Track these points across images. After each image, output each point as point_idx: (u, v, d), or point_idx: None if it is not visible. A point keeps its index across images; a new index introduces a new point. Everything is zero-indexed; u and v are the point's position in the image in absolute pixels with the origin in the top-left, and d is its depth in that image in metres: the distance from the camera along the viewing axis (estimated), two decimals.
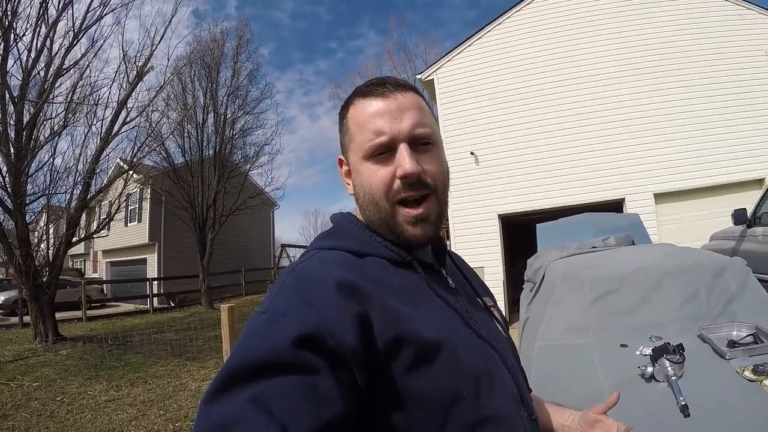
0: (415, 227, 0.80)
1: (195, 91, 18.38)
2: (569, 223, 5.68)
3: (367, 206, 0.83)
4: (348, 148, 0.85)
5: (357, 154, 0.83)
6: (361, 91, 0.84)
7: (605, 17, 10.70)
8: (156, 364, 7.86)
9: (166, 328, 11.34)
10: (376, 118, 0.80)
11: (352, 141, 0.84)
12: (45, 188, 10.43)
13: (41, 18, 9.85)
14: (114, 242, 22.26)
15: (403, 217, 0.80)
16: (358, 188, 0.84)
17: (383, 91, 0.82)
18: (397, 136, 0.79)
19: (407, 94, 0.83)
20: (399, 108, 0.80)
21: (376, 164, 0.80)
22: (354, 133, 0.83)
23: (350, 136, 0.84)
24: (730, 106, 9.69)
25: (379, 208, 0.81)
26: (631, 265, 2.94)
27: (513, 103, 10.85)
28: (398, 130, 0.79)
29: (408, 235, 0.81)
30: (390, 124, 0.79)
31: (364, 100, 0.83)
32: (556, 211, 9.53)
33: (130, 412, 5.47)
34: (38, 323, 10.24)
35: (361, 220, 0.88)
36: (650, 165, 9.87)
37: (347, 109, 0.86)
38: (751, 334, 2.17)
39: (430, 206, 0.81)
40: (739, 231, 5.15)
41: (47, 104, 9.98)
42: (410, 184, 0.79)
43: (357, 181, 0.84)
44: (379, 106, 0.80)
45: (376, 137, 0.79)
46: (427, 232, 0.81)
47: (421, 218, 0.80)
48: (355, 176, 0.85)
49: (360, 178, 0.83)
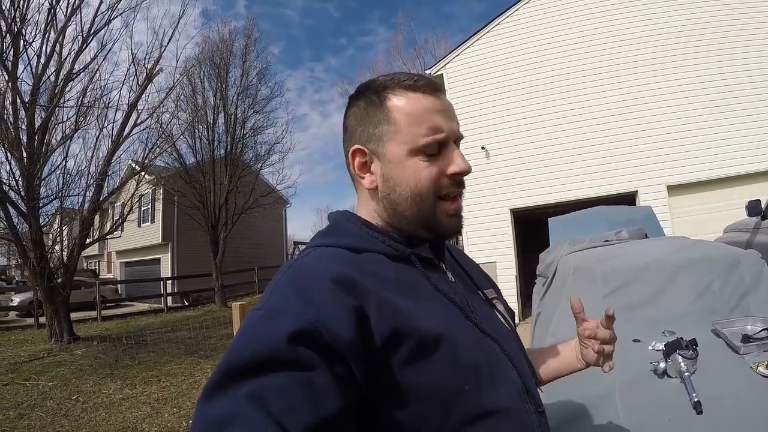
0: (451, 219, 0.85)
1: (205, 92, 18.55)
2: (581, 217, 5.63)
3: (403, 201, 0.83)
4: (387, 138, 0.83)
5: (401, 147, 0.81)
6: (405, 83, 0.83)
7: (615, 8, 10.57)
8: (170, 363, 7.93)
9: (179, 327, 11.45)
10: (434, 115, 0.82)
11: (398, 132, 0.82)
12: (58, 191, 10.58)
13: (50, 23, 9.97)
14: (127, 243, 22.53)
15: (443, 210, 0.84)
16: (396, 182, 0.83)
17: (435, 88, 0.84)
18: (451, 135, 0.83)
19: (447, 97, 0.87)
20: (449, 108, 0.85)
21: (425, 160, 0.81)
22: (403, 125, 0.81)
23: (395, 126, 0.82)
24: (744, 95, 9.54)
25: (424, 202, 0.82)
26: (643, 259, 2.90)
27: (523, 97, 10.77)
28: (452, 129, 0.83)
29: (447, 228, 0.85)
30: (447, 122, 0.82)
31: (414, 93, 0.82)
32: (568, 204, 9.46)
33: (144, 410, 5.53)
34: (53, 324, 10.38)
35: (358, 217, 0.88)
36: (663, 157, 9.75)
37: (386, 96, 0.84)
38: (765, 329, 2.12)
39: (461, 203, 0.87)
40: (753, 223, 5.07)
41: (58, 108, 10.11)
42: (459, 181, 0.84)
43: (395, 176, 0.83)
44: (435, 104, 0.83)
45: (433, 134, 0.81)
46: (459, 225, 0.87)
47: (457, 212, 0.85)
48: (391, 170, 0.83)
49: (403, 173, 0.82)
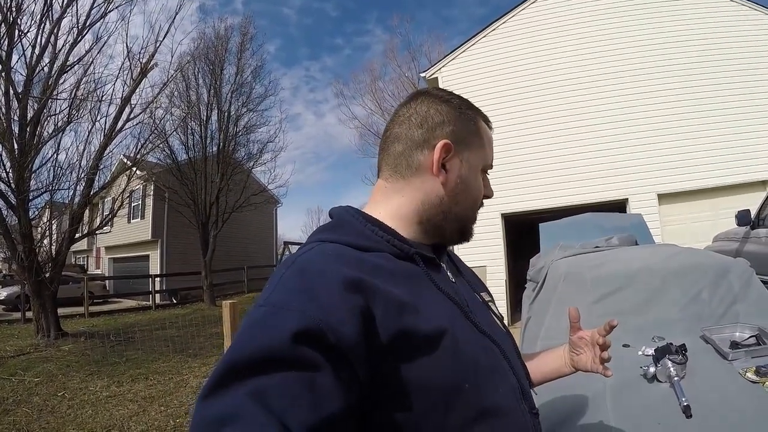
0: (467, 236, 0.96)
1: (199, 88, 18.41)
2: (572, 223, 5.66)
3: (466, 204, 0.92)
4: (476, 149, 0.92)
5: (479, 161, 0.92)
6: (483, 116, 0.97)
7: (609, 16, 10.68)
8: (157, 361, 7.88)
9: (167, 325, 11.37)
10: (492, 147, 0.97)
11: (481, 149, 0.93)
12: (48, 184, 10.48)
13: (45, 14, 9.86)
14: (117, 239, 22.36)
15: (471, 228, 0.96)
16: (468, 187, 0.91)
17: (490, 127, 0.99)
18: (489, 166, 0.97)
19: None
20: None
21: (483, 181, 0.94)
22: (486, 145, 0.94)
23: (481, 143, 0.93)
24: (735, 106, 9.67)
25: (474, 211, 0.94)
26: (634, 265, 2.93)
27: (516, 102, 10.84)
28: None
29: (471, 235, 0.96)
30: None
31: (487, 124, 0.97)
32: (559, 210, 9.52)
33: (131, 408, 5.48)
34: (40, 319, 10.26)
35: (363, 213, 0.87)
36: (654, 165, 9.85)
37: (477, 118, 0.95)
38: (753, 336, 2.16)
39: None
40: (743, 232, 5.13)
41: (51, 100, 9.99)
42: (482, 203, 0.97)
43: (469, 182, 0.91)
44: (492, 138, 0.98)
45: (493, 159, 0.96)
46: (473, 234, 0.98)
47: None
48: (466, 177, 0.90)
49: (475, 182, 0.92)
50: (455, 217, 0.89)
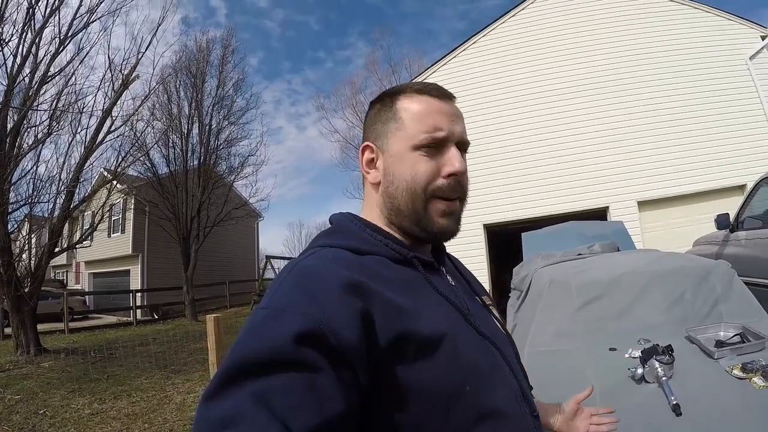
0: (444, 219, 0.84)
1: (180, 101, 18.35)
2: (554, 232, 5.72)
3: (400, 193, 0.84)
4: (392, 134, 0.86)
5: (404, 142, 0.84)
6: (416, 88, 0.88)
7: (589, 27, 10.89)
8: (140, 377, 7.73)
9: (150, 341, 11.16)
10: (437, 115, 0.85)
11: (402, 129, 0.85)
12: (28, 197, 10.28)
13: (27, 24, 9.74)
14: (97, 253, 21.97)
15: (435, 208, 0.83)
16: (395, 176, 0.85)
17: (443, 94, 0.88)
18: (451, 136, 0.85)
19: (456, 105, 0.90)
20: (455, 113, 0.88)
21: (424, 156, 0.83)
22: (407, 122, 0.85)
23: (401, 123, 0.86)
24: (712, 113, 9.91)
25: (417, 196, 0.83)
26: (617, 270, 2.97)
27: (497, 114, 10.95)
28: (453, 131, 0.85)
29: (437, 227, 0.84)
30: (448, 123, 0.85)
31: (422, 96, 0.87)
32: (541, 219, 9.61)
33: (114, 426, 5.37)
34: (20, 335, 10.01)
35: (361, 218, 0.89)
36: (633, 173, 10.02)
37: (397, 98, 0.88)
38: (738, 334, 2.20)
39: (459, 207, 0.87)
40: (723, 236, 5.21)
41: (31, 111, 9.84)
42: (455, 183, 0.84)
43: (395, 169, 0.85)
44: (441, 106, 0.86)
45: (435, 131, 0.83)
46: (452, 227, 0.86)
47: (450, 212, 0.85)
48: (393, 163, 0.86)
49: (402, 167, 0.84)
50: (402, 211, 0.85)
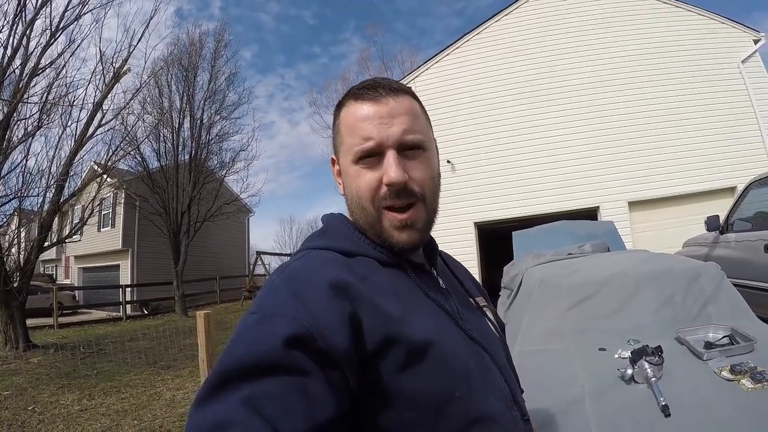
0: (401, 233, 0.80)
1: (171, 95, 18.16)
2: (545, 231, 5.74)
3: (354, 208, 0.83)
4: (339, 149, 0.85)
5: (346, 157, 0.82)
6: (353, 93, 0.83)
7: (579, 29, 10.94)
8: (129, 373, 7.68)
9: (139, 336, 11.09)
10: (366, 123, 0.79)
11: (342, 143, 0.83)
12: (17, 190, 10.17)
13: (18, 15, 9.62)
14: (86, 248, 21.82)
15: (388, 221, 0.80)
16: (347, 190, 0.84)
17: (375, 95, 0.80)
18: (385, 142, 0.78)
19: (400, 98, 0.82)
20: (390, 113, 0.79)
21: (364, 168, 0.79)
22: (344, 136, 0.83)
23: (341, 138, 0.84)
24: (703, 116, 9.99)
25: (366, 211, 0.80)
26: (607, 271, 2.98)
27: (489, 113, 10.99)
28: (387, 135, 0.78)
29: (394, 241, 0.80)
30: (378, 129, 0.78)
31: (355, 103, 0.82)
32: (532, 219, 9.66)
33: (103, 422, 5.33)
34: (8, 330, 9.93)
35: (351, 221, 0.88)
36: (624, 174, 10.08)
37: (340, 110, 0.85)
38: (727, 336, 2.22)
39: (417, 213, 0.81)
40: (712, 237, 5.25)
41: (21, 104, 9.73)
42: (396, 192, 0.78)
43: (346, 183, 0.84)
44: (369, 111, 0.79)
45: (364, 142, 0.78)
46: (412, 239, 0.80)
47: (406, 224, 0.79)
48: (344, 178, 0.85)
49: (348, 181, 0.83)
50: (362, 225, 0.84)
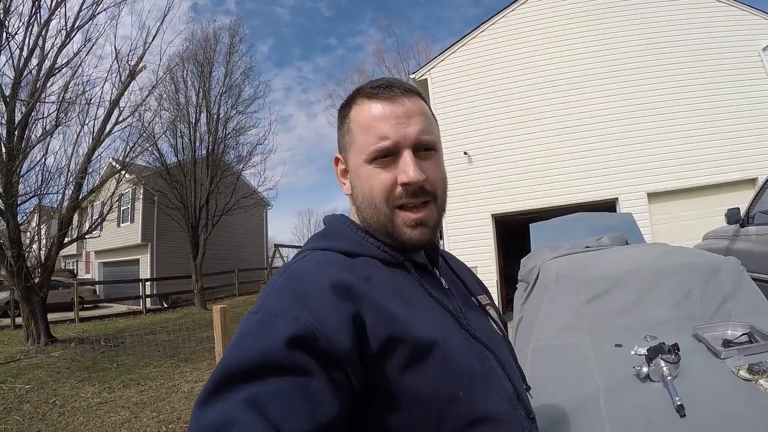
0: (414, 231, 0.80)
1: (187, 90, 18.37)
2: (562, 223, 5.68)
3: (365, 208, 0.83)
4: (348, 148, 0.85)
5: (359, 156, 0.82)
6: (366, 91, 0.83)
7: (599, 17, 10.75)
8: (148, 366, 7.81)
9: (158, 329, 11.28)
10: (382, 122, 0.79)
11: (354, 142, 0.83)
12: (37, 188, 10.36)
13: (34, 16, 9.75)
14: (106, 243, 22.16)
15: (402, 220, 0.80)
16: (357, 190, 0.84)
17: (391, 94, 0.81)
18: (402, 141, 0.79)
19: (414, 99, 0.82)
20: (406, 113, 0.80)
21: (378, 168, 0.80)
22: (356, 135, 0.82)
23: (352, 136, 0.83)
24: (724, 106, 9.77)
25: (378, 211, 0.81)
26: (625, 265, 2.93)
27: (506, 103, 10.89)
28: (404, 135, 0.79)
29: (406, 239, 0.81)
30: (395, 129, 0.79)
31: (369, 101, 0.82)
32: (550, 210, 9.57)
33: (122, 415, 5.43)
34: (30, 325, 10.15)
35: (353, 221, 0.88)
36: (643, 165, 9.93)
37: (349, 108, 0.85)
38: (745, 334, 2.17)
39: (430, 212, 0.82)
40: (732, 230, 5.15)
41: (39, 103, 9.88)
42: (412, 191, 0.79)
43: (356, 183, 0.84)
44: (385, 110, 0.80)
45: (380, 141, 0.79)
46: (425, 237, 0.81)
47: (420, 222, 0.80)
48: (354, 178, 0.85)
49: (360, 181, 0.83)
50: (371, 224, 0.84)
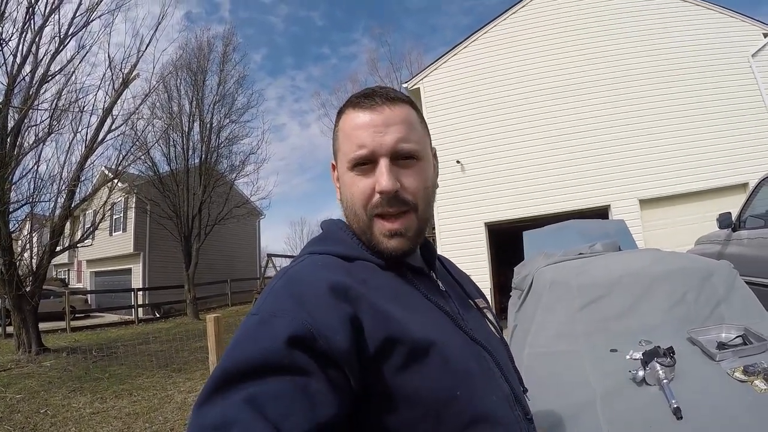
0: (390, 240, 0.80)
1: (181, 99, 18.34)
2: (555, 230, 5.70)
3: (348, 214, 0.85)
4: (337, 155, 0.87)
5: (343, 164, 0.84)
6: (352, 101, 0.85)
7: (588, 27, 10.87)
8: (141, 376, 7.74)
9: (151, 339, 11.18)
10: (361, 131, 0.80)
11: (340, 149, 0.85)
12: (29, 196, 10.32)
13: (27, 23, 9.73)
14: (98, 252, 22.03)
15: (379, 229, 0.81)
16: (342, 196, 0.86)
17: (371, 104, 0.82)
18: (378, 150, 0.79)
19: (397, 107, 0.82)
20: (384, 122, 0.80)
21: (358, 175, 0.81)
22: (341, 142, 0.85)
23: (338, 144, 0.86)
24: (714, 111, 9.89)
25: (359, 218, 0.82)
26: (618, 271, 2.95)
27: (498, 112, 10.95)
28: (380, 143, 0.79)
29: (383, 248, 0.81)
30: (372, 137, 0.79)
31: (353, 110, 0.83)
32: (543, 218, 9.61)
33: (115, 425, 5.37)
34: (21, 334, 10.06)
35: (350, 226, 0.89)
36: (634, 171, 10.01)
37: (339, 117, 0.87)
38: (740, 336, 2.18)
39: (408, 222, 0.81)
40: (725, 235, 5.18)
41: (32, 110, 9.84)
42: (388, 200, 0.79)
43: (342, 190, 0.86)
44: (365, 119, 0.81)
45: (358, 150, 0.80)
46: (402, 246, 0.81)
47: (396, 233, 0.80)
48: (341, 185, 0.87)
49: (344, 188, 0.85)
50: (356, 231, 0.85)
